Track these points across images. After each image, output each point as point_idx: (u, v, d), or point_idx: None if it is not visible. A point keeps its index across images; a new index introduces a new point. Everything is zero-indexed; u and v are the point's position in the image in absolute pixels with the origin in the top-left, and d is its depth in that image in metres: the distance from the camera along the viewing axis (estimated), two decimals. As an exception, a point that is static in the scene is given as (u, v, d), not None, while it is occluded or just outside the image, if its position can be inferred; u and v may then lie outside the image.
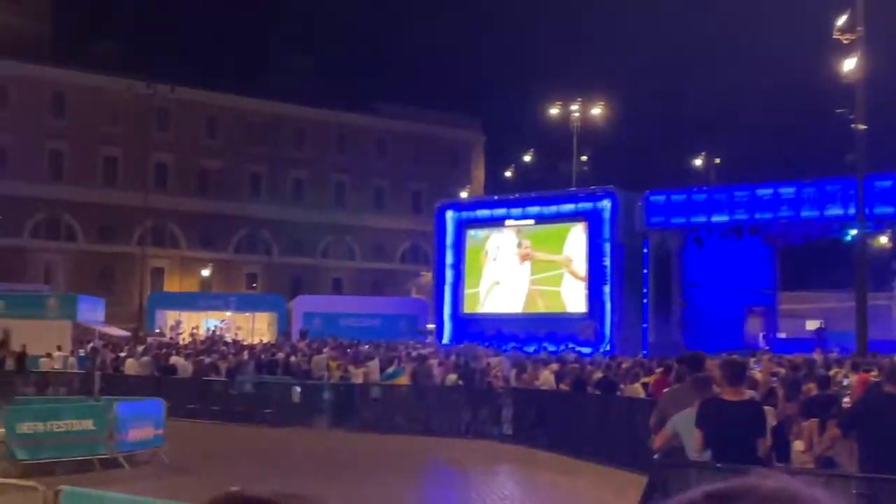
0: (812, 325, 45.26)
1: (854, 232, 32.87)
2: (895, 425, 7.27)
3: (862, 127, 27.84)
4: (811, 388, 15.87)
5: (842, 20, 28.21)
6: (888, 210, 37.32)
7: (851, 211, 32.86)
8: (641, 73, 60.79)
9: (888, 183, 37.41)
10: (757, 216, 40.75)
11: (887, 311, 41.88)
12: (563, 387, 22.33)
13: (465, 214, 47.20)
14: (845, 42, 28.15)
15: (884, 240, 47.09)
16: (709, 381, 9.20)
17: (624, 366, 23.82)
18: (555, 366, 24.69)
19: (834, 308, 43.12)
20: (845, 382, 18.07)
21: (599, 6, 65.57)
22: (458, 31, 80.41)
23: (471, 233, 46.18)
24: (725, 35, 61.05)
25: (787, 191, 40.17)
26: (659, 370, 18.31)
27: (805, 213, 39.74)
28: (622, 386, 20.44)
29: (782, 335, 45.47)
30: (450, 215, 46.82)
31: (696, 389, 9.13)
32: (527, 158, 63.61)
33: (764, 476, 1.01)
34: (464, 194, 65.35)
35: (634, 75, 60.03)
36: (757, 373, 18.52)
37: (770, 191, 40.64)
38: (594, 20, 64.47)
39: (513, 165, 65.34)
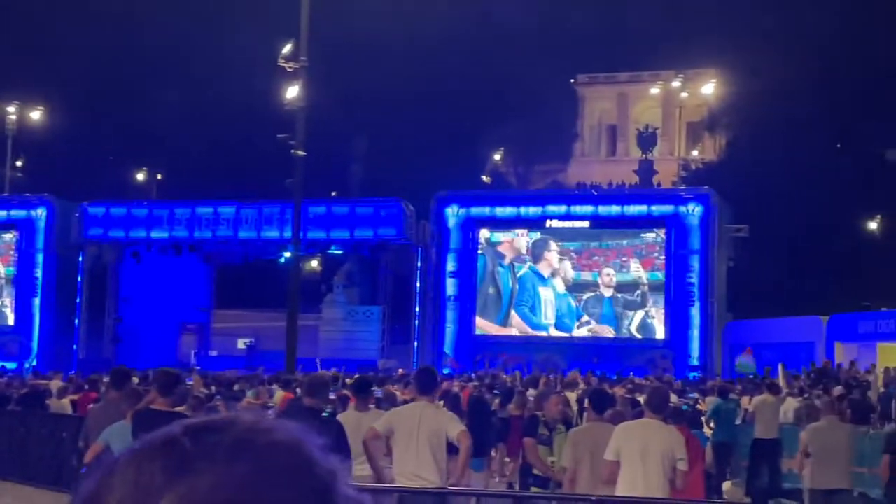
0: (243, 343, 46.88)
1: (288, 254, 34.71)
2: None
3: (301, 153, 29.58)
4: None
5: (287, 49, 29.77)
6: (321, 235, 40.07)
7: (287, 234, 34.71)
8: (83, 81, 58.69)
9: (322, 209, 40.28)
10: (196, 234, 41.43)
11: (315, 331, 44.77)
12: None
13: None
14: (289, 70, 29.74)
15: (314, 263, 50.38)
16: (138, 394, 9.18)
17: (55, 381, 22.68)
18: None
19: (265, 327, 45.11)
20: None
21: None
22: None
23: None
24: (171, 51, 61.27)
25: (227, 211, 41.44)
26: (87, 386, 17.80)
27: (243, 234, 41.27)
28: (48, 402, 19.44)
29: (214, 353, 46.49)
30: None
31: (126, 402, 9.03)
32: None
33: (243, 411, 1.06)
34: None
35: (77, 81, 57.79)
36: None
37: (210, 210, 41.67)
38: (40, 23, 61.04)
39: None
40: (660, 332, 39.66)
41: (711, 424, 17.17)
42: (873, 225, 52.56)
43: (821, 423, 12.29)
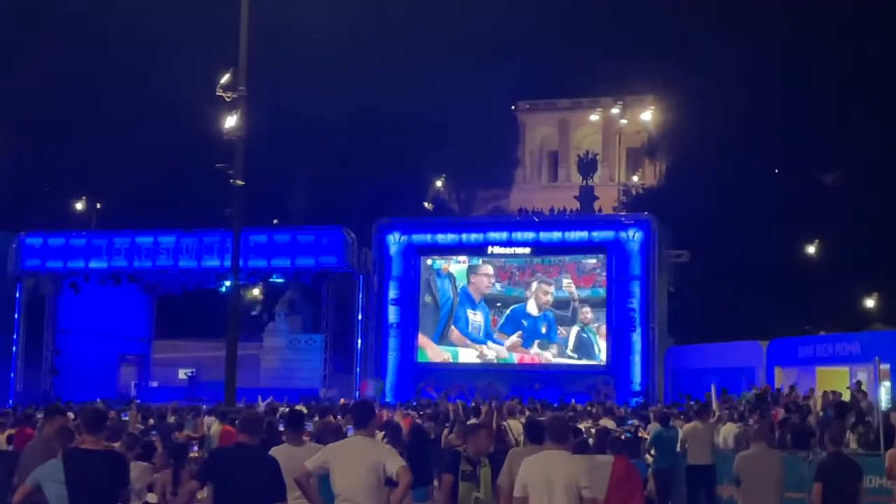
0: (184, 373, 46.30)
1: (229, 283, 34.37)
2: (244, 475, 7.66)
3: (240, 182, 29.35)
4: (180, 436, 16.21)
5: (225, 78, 29.61)
6: (262, 263, 39.79)
7: (227, 263, 34.41)
8: (20, 109, 57.84)
9: (263, 238, 40.03)
10: (136, 264, 40.99)
11: (256, 360, 44.34)
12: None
13: None
14: (228, 99, 29.55)
15: (256, 292, 49.96)
16: (71, 432, 8.96)
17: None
18: None
19: (206, 357, 44.58)
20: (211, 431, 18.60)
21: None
22: None
23: None
24: (109, 80, 60.71)
25: (168, 240, 41.07)
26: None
27: (183, 263, 40.89)
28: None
29: (154, 384, 45.88)
30: None
31: (58, 440, 8.82)
32: None
33: None
34: None
35: (13, 109, 56.92)
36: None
37: (150, 239, 41.26)
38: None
39: None
40: (600, 348, 39.89)
41: (653, 451, 17.22)
42: (812, 249, 53.43)
43: (750, 451, 12.35)
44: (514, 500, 8.37)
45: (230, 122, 30.21)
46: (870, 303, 50.31)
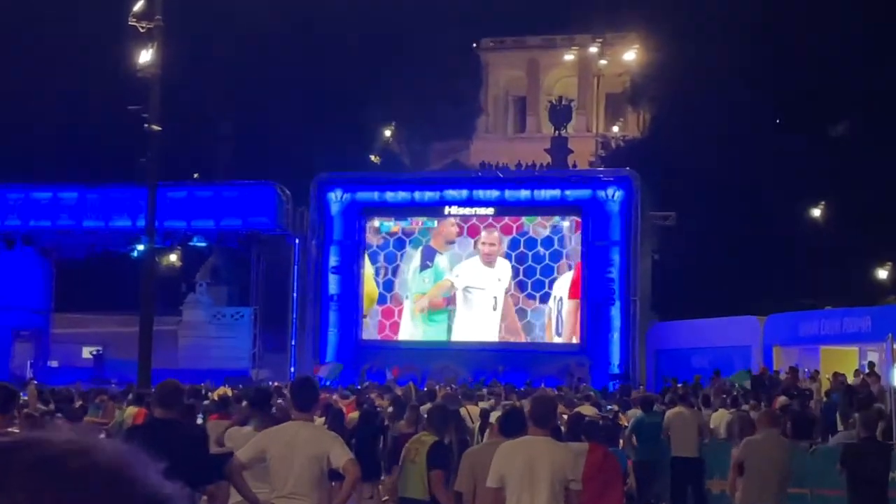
0: (89, 351, 46.06)
1: (142, 247, 34.12)
2: (165, 453, 7.62)
3: (156, 128, 29.12)
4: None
5: (139, 5, 29.27)
6: (181, 224, 39.53)
7: (140, 223, 34.13)
8: None
9: (182, 193, 39.73)
10: (32, 223, 40.60)
11: (173, 337, 44.14)
12: None
13: None
14: (142, 30, 29.23)
15: (173, 257, 49.65)
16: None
17: None
18: None
19: (115, 333, 44.33)
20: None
21: None
22: None
23: None
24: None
25: (69, 196, 40.68)
26: None
27: (88, 223, 40.57)
28: None
29: (54, 363, 45.57)
30: None
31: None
32: None
33: (55, 429, 1.03)
34: None
35: None
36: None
37: (48, 195, 40.83)
38: None
39: None
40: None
41: (634, 441, 17.44)
42: (816, 212, 53.98)
43: (757, 436, 12.55)
44: (486, 492, 8.32)
45: (144, 56, 29.94)
46: (882, 273, 51.02)
